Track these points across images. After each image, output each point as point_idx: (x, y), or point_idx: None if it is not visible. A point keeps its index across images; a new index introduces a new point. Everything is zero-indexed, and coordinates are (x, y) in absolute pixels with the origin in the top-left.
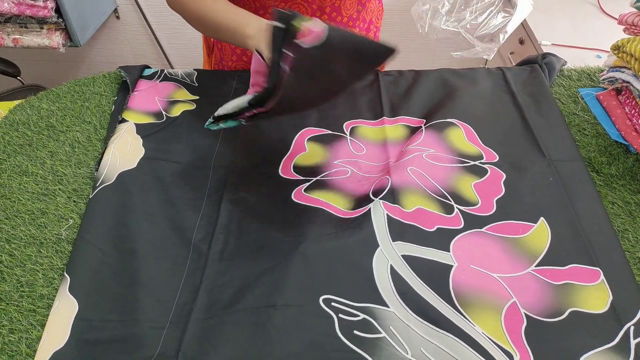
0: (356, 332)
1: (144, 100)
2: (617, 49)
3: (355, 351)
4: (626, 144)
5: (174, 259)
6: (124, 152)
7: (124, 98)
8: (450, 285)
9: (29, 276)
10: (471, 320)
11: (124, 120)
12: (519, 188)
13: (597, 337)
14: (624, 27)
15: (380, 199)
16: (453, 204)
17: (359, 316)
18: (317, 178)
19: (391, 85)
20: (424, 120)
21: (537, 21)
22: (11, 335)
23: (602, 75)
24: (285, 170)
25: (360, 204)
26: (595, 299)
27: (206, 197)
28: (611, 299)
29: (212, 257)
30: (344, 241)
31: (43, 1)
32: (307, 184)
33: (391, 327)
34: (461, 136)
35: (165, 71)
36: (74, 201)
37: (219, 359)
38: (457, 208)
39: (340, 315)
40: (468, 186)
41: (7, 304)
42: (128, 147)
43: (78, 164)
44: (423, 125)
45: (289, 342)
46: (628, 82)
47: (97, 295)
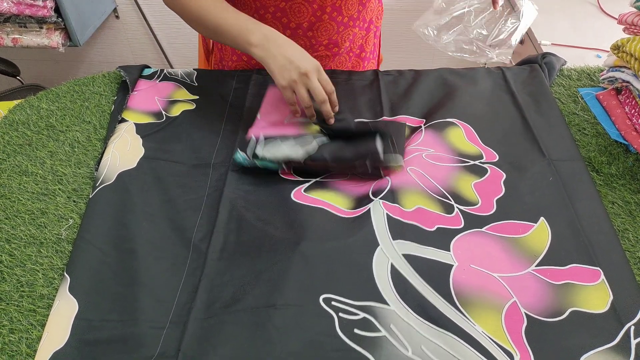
0: (356, 331)
1: (143, 100)
2: (616, 48)
3: (356, 350)
4: (626, 143)
5: (173, 258)
6: (124, 151)
7: (124, 98)
8: (451, 284)
9: (29, 276)
10: (471, 320)
11: (123, 120)
12: (518, 188)
13: (598, 337)
14: (623, 26)
15: (379, 198)
16: (453, 203)
17: (359, 315)
18: (317, 179)
19: (391, 85)
20: (424, 120)
21: (537, 21)
22: (11, 335)
23: (601, 75)
24: (284, 171)
25: (360, 203)
26: (595, 298)
27: (206, 196)
28: (611, 298)
29: (212, 257)
30: (344, 240)
31: (42, 1)
32: (307, 184)
33: (392, 325)
34: (461, 136)
35: (165, 71)
36: (74, 201)
37: (219, 358)
38: (457, 208)
39: (341, 314)
40: (468, 186)
41: (7, 303)
42: (128, 147)
43: (78, 163)
44: (423, 125)
45: (289, 342)
46: (628, 82)
47: (97, 295)
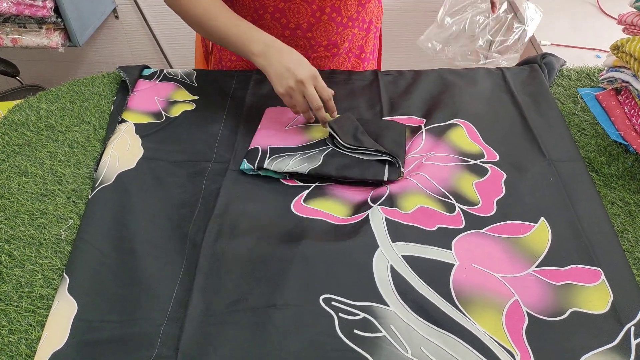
0: (356, 332)
1: (143, 101)
2: (616, 48)
3: (356, 350)
4: (625, 144)
5: (172, 259)
6: (123, 152)
7: (123, 98)
8: (451, 284)
9: (28, 277)
10: (472, 319)
11: (123, 121)
12: (519, 188)
13: (598, 337)
14: (623, 27)
15: (378, 204)
16: (454, 202)
17: (359, 315)
18: (317, 184)
19: (391, 85)
20: (424, 120)
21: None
22: (11, 336)
23: (601, 75)
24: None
25: (359, 210)
26: (596, 299)
27: (204, 196)
28: (612, 299)
29: (211, 257)
30: (344, 242)
31: (42, 1)
32: (307, 191)
33: (392, 326)
34: (463, 134)
35: (164, 71)
36: (73, 201)
37: (219, 358)
38: (458, 207)
39: (341, 315)
40: (469, 185)
41: (7, 304)
42: (127, 147)
43: (77, 164)
44: (423, 126)
45: (289, 342)
46: (627, 82)
47: (96, 295)
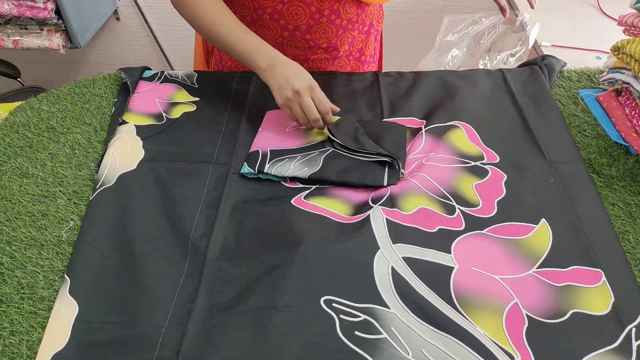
0: (357, 333)
1: (144, 102)
2: (617, 50)
3: (356, 352)
4: (626, 145)
5: (173, 260)
6: (124, 153)
7: (124, 100)
8: (451, 286)
9: (29, 278)
10: (472, 321)
11: (124, 122)
12: (519, 189)
13: (599, 338)
14: (623, 28)
15: (379, 205)
16: (454, 204)
17: (360, 317)
18: (317, 186)
19: (391, 87)
20: (424, 122)
21: (536, 22)
22: (12, 338)
23: (602, 77)
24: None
25: (359, 210)
26: (597, 300)
27: (206, 198)
28: (613, 300)
29: (211, 258)
30: (345, 243)
31: (43, 2)
32: (307, 191)
33: (392, 328)
34: (462, 136)
35: (165, 73)
36: (75, 203)
37: None
38: (458, 209)
39: (341, 316)
40: (469, 187)
41: (8, 306)
42: (128, 149)
43: (78, 165)
44: (423, 127)
45: (290, 343)
46: (628, 84)
47: (97, 297)
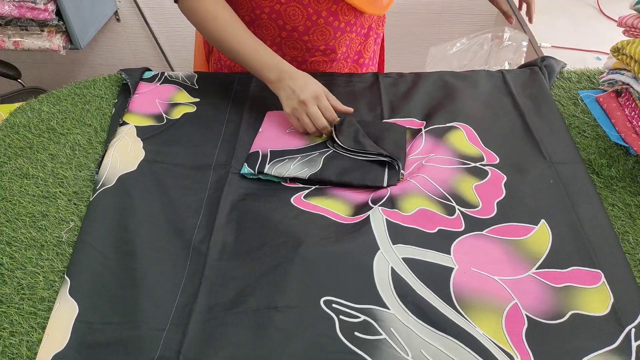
0: (357, 334)
1: (144, 103)
2: (616, 51)
3: (356, 352)
4: (626, 146)
5: (174, 260)
6: (124, 154)
7: (125, 101)
8: (451, 287)
9: (29, 279)
10: (472, 322)
11: (124, 123)
12: (519, 190)
13: (598, 339)
14: (623, 29)
15: (379, 205)
16: (454, 205)
17: (359, 318)
18: (317, 186)
19: (391, 87)
20: (424, 122)
21: (536, 23)
22: (12, 338)
23: (601, 78)
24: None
25: (359, 211)
26: (596, 301)
27: (206, 198)
28: (612, 301)
29: (212, 258)
30: (345, 244)
31: (44, 4)
32: (307, 191)
33: (392, 328)
34: (462, 137)
35: (165, 74)
36: (75, 204)
37: None
38: (458, 209)
39: (341, 317)
40: (469, 188)
41: (8, 306)
42: (128, 150)
43: (79, 166)
44: (423, 128)
45: (290, 344)
46: (628, 84)
47: (97, 297)
